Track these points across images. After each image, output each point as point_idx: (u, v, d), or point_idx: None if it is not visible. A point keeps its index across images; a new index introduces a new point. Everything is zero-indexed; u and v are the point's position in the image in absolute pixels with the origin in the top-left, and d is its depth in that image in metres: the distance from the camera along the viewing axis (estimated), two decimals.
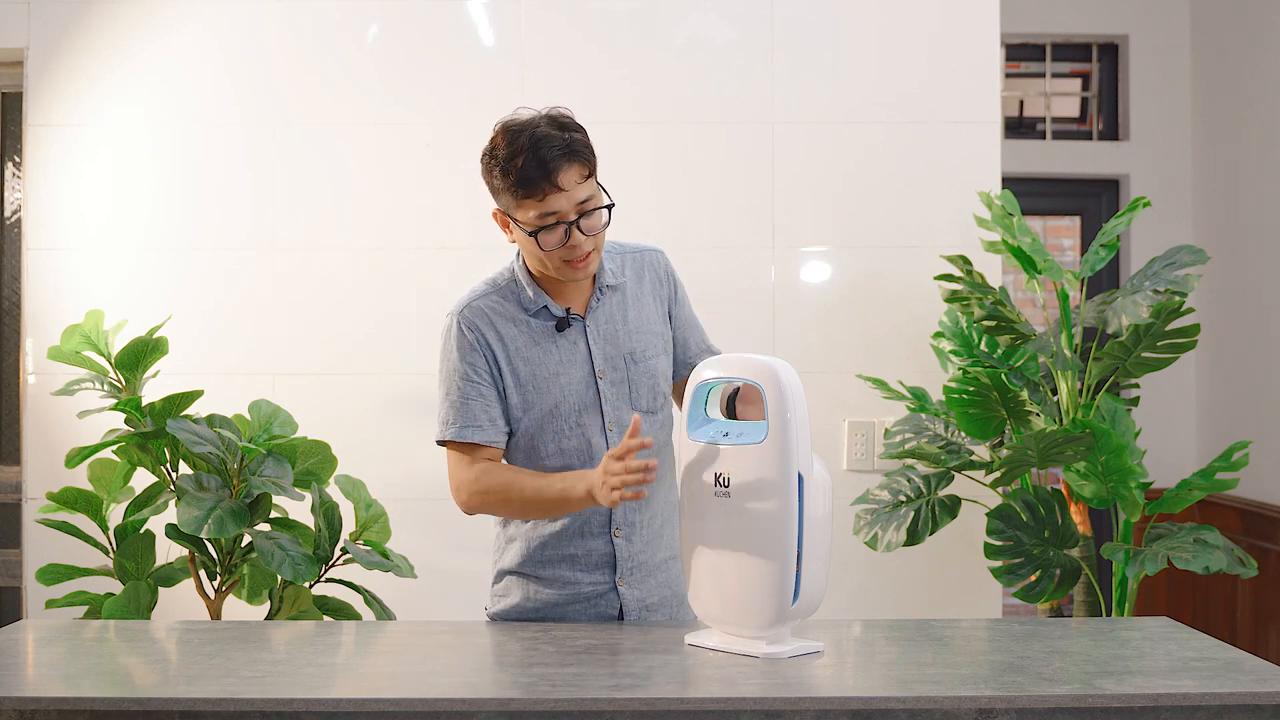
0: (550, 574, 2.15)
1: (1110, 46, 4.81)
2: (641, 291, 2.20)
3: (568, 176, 1.99)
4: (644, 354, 2.16)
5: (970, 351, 3.19)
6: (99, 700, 1.60)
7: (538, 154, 1.98)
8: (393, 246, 3.35)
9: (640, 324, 2.17)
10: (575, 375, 2.12)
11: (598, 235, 2.06)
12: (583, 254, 2.05)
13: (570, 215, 2.01)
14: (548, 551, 2.15)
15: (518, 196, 2.01)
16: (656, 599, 2.17)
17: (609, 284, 2.16)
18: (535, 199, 2.00)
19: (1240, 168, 4.36)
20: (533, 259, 2.10)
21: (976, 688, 1.62)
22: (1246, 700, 1.59)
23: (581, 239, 2.03)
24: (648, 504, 2.14)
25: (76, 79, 3.36)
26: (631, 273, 2.20)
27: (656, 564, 2.17)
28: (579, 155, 2.01)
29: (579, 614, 2.15)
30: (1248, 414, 4.28)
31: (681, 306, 2.26)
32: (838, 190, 3.36)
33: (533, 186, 1.98)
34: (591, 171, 2.05)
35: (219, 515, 2.60)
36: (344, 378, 3.32)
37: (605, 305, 2.16)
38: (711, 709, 1.59)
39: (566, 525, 2.13)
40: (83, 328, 2.89)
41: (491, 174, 2.04)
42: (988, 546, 3.00)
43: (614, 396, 2.13)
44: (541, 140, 1.99)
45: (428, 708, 1.58)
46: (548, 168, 1.98)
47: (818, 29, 3.36)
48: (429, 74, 3.36)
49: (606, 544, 2.13)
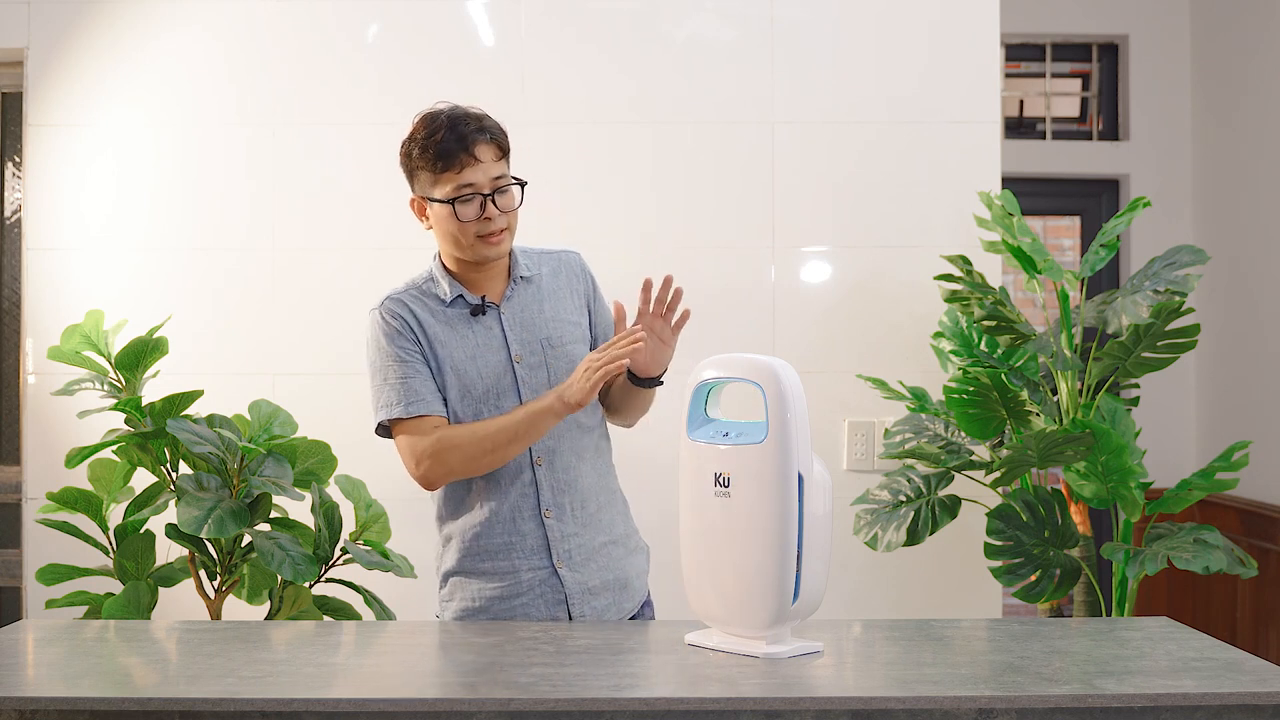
0: (489, 566, 2.21)
1: (1110, 46, 4.81)
2: (558, 285, 2.30)
3: (483, 150, 2.16)
4: (561, 340, 2.25)
5: (970, 351, 3.19)
6: (99, 700, 1.60)
7: (455, 130, 2.15)
8: (392, 246, 3.35)
9: (557, 314, 2.27)
10: (491, 359, 2.21)
11: (511, 214, 2.20)
12: (497, 229, 2.18)
13: (485, 189, 2.16)
14: (482, 542, 2.21)
15: (436, 171, 2.15)
16: (598, 582, 2.22)
17: (523, 275, 2.28)
18: (453, 170, 2.14)
19: (1240, 168, 4.36)
20: (448, 241, 2.21)
21: (976, 688, 1.62)
22: (1246, 700, 1.59)
23: (495, 213, 2.17)
24: (575, 485, 2.22)
25: (76, 79, 3.36)
26: (547, 269, 2.31)
27: (595, 547, 2.23)
28: (493, 135, 2.18)
29: (526, 607, 2.20)
30: (1248, 414, 4.28)
31: (600, 302, 2.35)
32: (838, 190, 3.36)
33: (450, 159, 2.14)
34: (505, 154, 2.21)
35: (219, 515, 2.60)
36: (344, 378, 3.32)
37: (520, 295, 2.26)
38: (711, 709, 1.59)
39: (496, 512, 2.20)
40: (83, 328, 2.89)
41: (410, 156, 2.19)
42: (988, 546, 3.00)
43: (531, 380, 2.22)
44: (458, 119, 2.17)
45: (428, 708, 1.58)
46: (465, 141, 2.14)
47: (818, 29, 3.36)
48: (429, 74, 3.36)
49: (538, 526, 2.20)
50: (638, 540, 2.34)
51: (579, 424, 2.25)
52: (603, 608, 2.22)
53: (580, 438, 2.25)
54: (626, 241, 3.32)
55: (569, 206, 3.33)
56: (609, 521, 2.27)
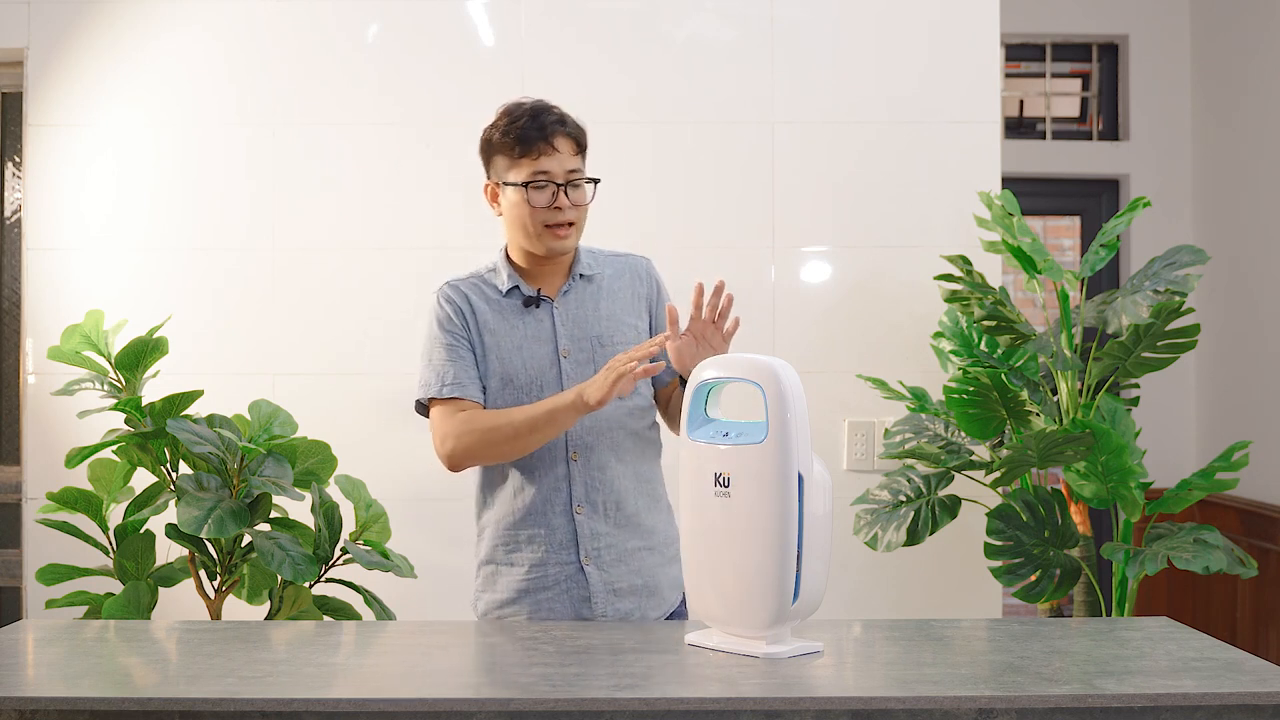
0: (518, 557, 2.24)
1: (1110, 46, 4.81)
2: (619, 286, 2.32)
3: (561, 142, 2.21)
4: (612, 339, 2.26)
5: (970, 351, 3.19)
6: (99, 700, 1.60)
7: (536, 119, 2.20)
8: (392, 246, 3.35)
9: (613, 313, 2.28)
10: (538, 352, 2.24)
11: (581, 210, 2.24)
12: (565, 221, 2.21)
13: (559, 179, 2.20)
14: (514, 532, 2.24)
15: (514, 156, 2.20)
16: (625, 585, 2.23)
17: (583, 273, 2.30)
18: (530, 157, 2.19)
19: (1240, 168, 4.36)
20: (517, 229, 2.23)
21: (976, 688, 1.62)
22: (1246, 700, 1.59)
23: (566, 204, 2.20)
24: (610, 485, 2.23)
25: (76, 79, 3.36)
26: (611, 270, 2.34)
27: (628, 550, 2.24)
28: (572, 130, 2.23)
29: (551, 602, 2.22)
30: (1248, 414, 4.28)
31: (664, 308, 2.33)
32: (838, 190, 3.36)
33: (529, 145, 2.19)
34: (581, 151, 2.25)
35: (219, 515, 2.60)
36: (344, 378, 3.32)
37: (577, 291, 2.29)
38: (711, 709, 1.59)
39: (529, 503, 2.23)
40: (83, 328, 2.88)
41: (490, 142, 2.24)
42: (988, 546, 3.00)
43: (577, 376, 2.23)
44: (541, 110, 2.23)
45: (428, 708, 1.58)
46: (545, 130, 2.20)
47: (818, 29, 3.36)
48: (429, 74, 3.36)
49: (568, 521, 2.22)
50: (678, 550, 2.28)
51: (621, 424, 2.25)
52: (627, 610, 2.23)
53: (622, 438, 2.25)
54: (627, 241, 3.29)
55: None
56: (648, 527, 2.27)
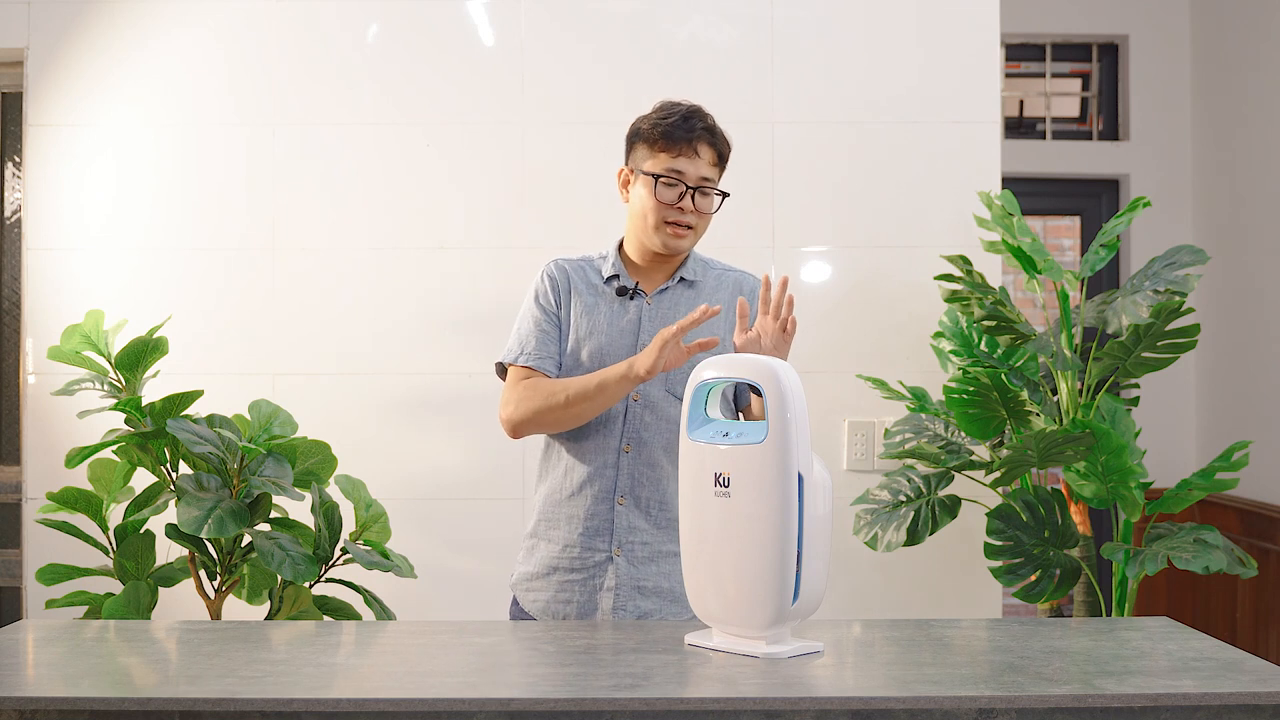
0: (557, 535, 2.29)
1: (1110, 46, 4.81)
2: (718, 297, 2.35)
3: (703, 149, 2.25)
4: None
5: (970, 351, 3.19)
6: (99, 700, 1.60)
7: (687, 120, 2.25)
8: (393, 246, 3.35)
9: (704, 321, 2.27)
10: (618, 341, 2.29)
11: (704, 217, 2.28)
12: (685, 223, 2.25)
13: (691, 181, 2.24)
14: (557, 510, 2.30)
15: (655, 147, 2.24)
16: (650, 585, 2.25)
17: (685, 276, 2.34)
18: (670, 153, 2.23)
19: (1240, 168, 4.36)
20: (638, 219, 2.28)
21: (976, 688, 1.62)
22: (1246, 700, 1.59)
23: (690, 207, 2.25)
24: (657, 483, 2.27)
25: (76, 79, 3.36)
26: (713, 280, 2.37)
27: (662, 553, 2.26)
28: (718, 141, 2.27)
29: (573, 585, 2.26)
30: (1248, 414, 4.28)
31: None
32: (838, 190, 3.36)
33: (672, 141, 2.23)
34: (721, 164, 2.29)
35: (219, 515, 2.60)
36: (344, 378, 3.32)
37: (674, 293, 2.33)
38: (711, 709, 1.59)
39: (576, 485, 2.27)
40: (83, 328, 2.89)
41: (638, 130, 2.28)
42: (988, 546, 3.00)
43: None
44: (694, 113, 2.27)
45: (428, 708, 1.58)
46: (691, 133, 2.24)
47: (818, 29, 3.36)
48: (429, 74, 3.36)
49: (609, 509, 2.26)
50: None
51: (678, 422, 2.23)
52: (648, 610, 2.25)
53: (677, 440, 2.24)
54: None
55: (569, 206, 3.33)
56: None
